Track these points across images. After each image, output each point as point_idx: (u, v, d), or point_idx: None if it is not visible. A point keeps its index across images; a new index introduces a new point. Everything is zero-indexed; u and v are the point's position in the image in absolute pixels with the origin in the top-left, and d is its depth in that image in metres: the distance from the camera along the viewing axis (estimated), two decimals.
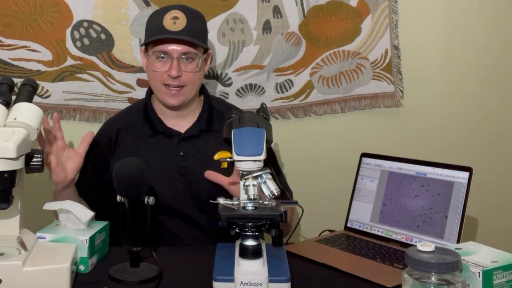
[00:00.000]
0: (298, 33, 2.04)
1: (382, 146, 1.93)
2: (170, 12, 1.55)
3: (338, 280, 1.28)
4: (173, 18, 1.54)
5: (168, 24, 1.53)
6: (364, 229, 1.63)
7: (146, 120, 1.64)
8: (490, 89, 2.25)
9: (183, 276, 1.26)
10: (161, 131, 1.62)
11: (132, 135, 1.63)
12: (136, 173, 1.23)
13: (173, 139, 1.62)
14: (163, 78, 1.56)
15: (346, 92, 2.14)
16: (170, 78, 1.55)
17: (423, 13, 2.17)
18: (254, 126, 1.28)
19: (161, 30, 1.53)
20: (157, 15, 1.58)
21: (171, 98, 1.58)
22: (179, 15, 1.55)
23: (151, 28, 1.58)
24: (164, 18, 1.54)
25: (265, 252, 1.24)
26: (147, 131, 1.62)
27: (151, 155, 1.59)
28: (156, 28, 1.55)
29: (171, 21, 1.53)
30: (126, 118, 1.68)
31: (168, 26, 1.53)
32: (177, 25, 1.53)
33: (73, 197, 1.52)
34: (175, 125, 1.63)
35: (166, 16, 1.54)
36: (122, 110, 1.77)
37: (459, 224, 1.44)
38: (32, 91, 1.41)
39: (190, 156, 1.60)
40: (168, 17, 1.54)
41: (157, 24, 1.55)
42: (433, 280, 0.94)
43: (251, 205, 1.20)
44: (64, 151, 1.53)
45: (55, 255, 1.21)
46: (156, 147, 1.61)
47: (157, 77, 1.57)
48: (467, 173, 1.47)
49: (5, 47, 1.84)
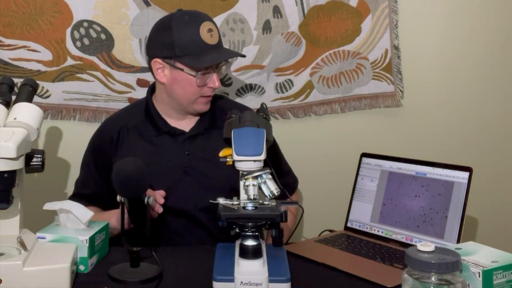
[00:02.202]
0: (298, 33, 2.04)
1: (382, 146, 1.93)
2: (203, 24, 1.51)
3: (338, 280, 1.28)
4: (208, 30, 1.51)
5: (207, 37, 1.50)
6: (364, 229, 1.63)
7: (148, 121, 1.63)
8: (490, 89, 2.25)
9: (183, 276, 1.26)
10: (166, 131, 1.61)
11: (135, 135, 1.62)
12: (136, 173, 1.23)
13: (178, 138, 1.61)
14: (203, 91, 1.55)
15: (346, 92, 2.14)
16: (209, 90, 1.56)
17: (423, 13, 2.17)
18: (254, 126, 1.28)
19: (201, 45, 1.49)
20: (188, 28, 1.51)
21: (205, 105, 1.60)
22: (211, 27, 1.52)
23: (186, 42, 1.50)
24: (201, 31, 1.50)
25: (265, 252, 1.24)
26: (151, 131, 1.62)
27: (157, 155, 1.59)
28: (196, 43, 1.49)
29: (208, 34, 1.50)
30: (127, 117, 1.66)
31: (208, 40, 1.50)
32: (214, 38, 1.52)
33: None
34: (179, 124, 1.63)
35: (202, 28, 1.50)
36: (120, 110, 1.76)
37: (459, 224, 1.44)
38: (32, 91, 1.41)
39: (195, 154, 1.60)
40: (204, 30, 1.50)
41: (195, 39, 1.49)
42: (433, 280, 0.94)
43: (251, 205, 1.20)
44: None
45: (55, 255, 1.21)
46: (161, 147, 1.60)
47: (197, 91, 1.55)
48: (467, 173, 1.47)
49: (5, 47, 1.84)
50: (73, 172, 1.95)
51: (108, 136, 1.63)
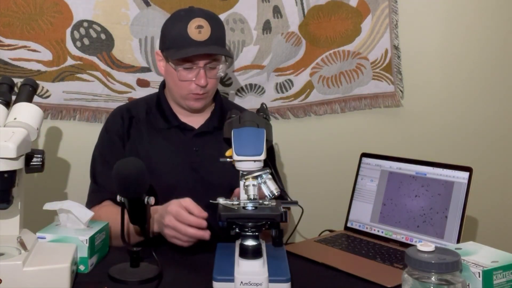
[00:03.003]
0: (298, 33, 2.04)
1: (382, 146, 1.93)
2: (193, 21, 1.52)
3: (338, 280, 1.28)
4: (197, 27, 1.51)
5: (194, 33, 1.51)
6: (364, 229, 1.63)
7: (160, 114, 1.64)
8: (490, 89, 2.26)
9: (183, 276, 1.26)
10: (176, 125, 1.63)
11: (146, 125, 1.63)
12: (136, 173, 1.23)
13: (187, 134, 1.63)
14: (190, 87, 1.56)
15: (346, 92, 2.14)
16: (198, 87, 1.55)
17: (423, 13, 2.17)
18: (254, 126, 1.28)
19: (187, 41, 1.51)
20: (179, 22, 1.54)
21: (196, 102, 1.59)
22: (203, 23, 1.52)
23: (174, 35, 1.54)
24: (188, 26, 1.51)
25: (265, 252, 1.24)
26: (162, 124, 1.63)
27: (166, 148, 1.60)
28: (181, 38, 1.52)
29: (196, 30, 1.51)
30: (139, 108, 1.67)
31: (194, 36, 1.51)
32: (203, 35, 1.51)
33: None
34: (188, 120, 1.65)
35: (190, 24, 1.51)
36: (132, 100, 1.77)
37: (459, 224, 1.44)
38: (32, 91, 1.41)
39: (202, 151, 1.61)
40: (193, 26, 1.51)
41: (181, 33, 1.51)
42: (433, 280, 0.94)
43: (251, 205, 1.20)
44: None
45: (55, 255, 1.21)
46: (170, 141, 1.61)
47: (184, 86, 1.56)
48: (467, 173, 1.47)
49: (5, 47, 1.84)
50: (73, 172, 1.96)
51: (120, 124, 1.63)
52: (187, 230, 1.28)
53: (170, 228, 1.31)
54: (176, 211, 1.29)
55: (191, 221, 1.28)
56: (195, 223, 1.28)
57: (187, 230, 1.28)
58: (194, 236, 1.29)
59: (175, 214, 1.29)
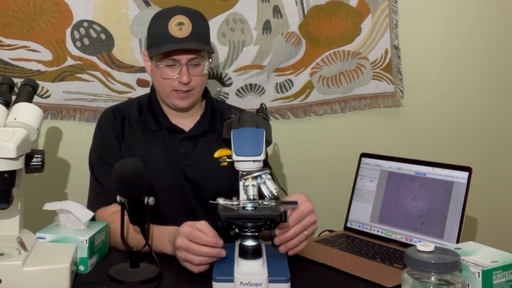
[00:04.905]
0: (298, 33, 2.04)
1: (382, 146, 1.93)
2: (174, 18, 1.52)
3: (338, 280, 1.28)
4: (178, 24, 1.51)
5: (174, 30, 1.51)
6: (364, 229, 1.63)
7: (151, 114, 1.64)
8: (490, 89, 2.26)
9: (183, 276, 1.26)
10: (166, 126, 1.62)
11: (139, 126, 1.63)
12: (136, 173, 1.23)
13: (177, 136, 1.62)
14: (173, 85, 1.55)
15: (346, 92, 2.14)
16: (180, 85, 1.54)
17: (423, 13, 2.17)
18: (254, 127, 1.28)
19: (167, 38, 1.51)
20: (161, 20, 1.54)
21: (180, 101, 1.58)
22: (184, 20, 1.52)
23: (155, 34, 1.55)
24: (169, 24, 1.51)
25: (265, 252, 1.24)
26: (152, 124, 1.63)
27: (156, 149, 1.60)
28: (161, 35, 1.52)
29: (176, 27, 1.51)
30: (132, 108, 1.67)
31: (174, 33, 1.51)
32: (183, 31, 1.51)
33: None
34: (179, 122, 1.64)
35: (171, 21, 1.52)
36: (123, 102, 1.76)
37: (458, 224, 1.44)
38: (32, 91, 1.41)
39: (191, 154, 1.60)
40: (173, 23, 1.51)
41: (162, 31, 1.52)
42: (433, 280, 0.94)
43: (251, 205, 1.20)
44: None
45: (55, 255, 1.21)
46: (160, 142, 1.61)
47: (167, 84, 1.56)
48: (466, 173, 1.47)
49: (5, 47, 1.84)
50: (73, 172, 1.96)
51: (113, 121, 1.63)
52: (201, 249, 1.21)
53: (182, 250, 1.23)
54: (189, 231, 1.23)
55: (206, 241, 1.21)
56: (210, 243, 1.21)
57: (202, 249, 1.21)
58: (210, 255, 1.21)
59: (187, 235, 1.23)
